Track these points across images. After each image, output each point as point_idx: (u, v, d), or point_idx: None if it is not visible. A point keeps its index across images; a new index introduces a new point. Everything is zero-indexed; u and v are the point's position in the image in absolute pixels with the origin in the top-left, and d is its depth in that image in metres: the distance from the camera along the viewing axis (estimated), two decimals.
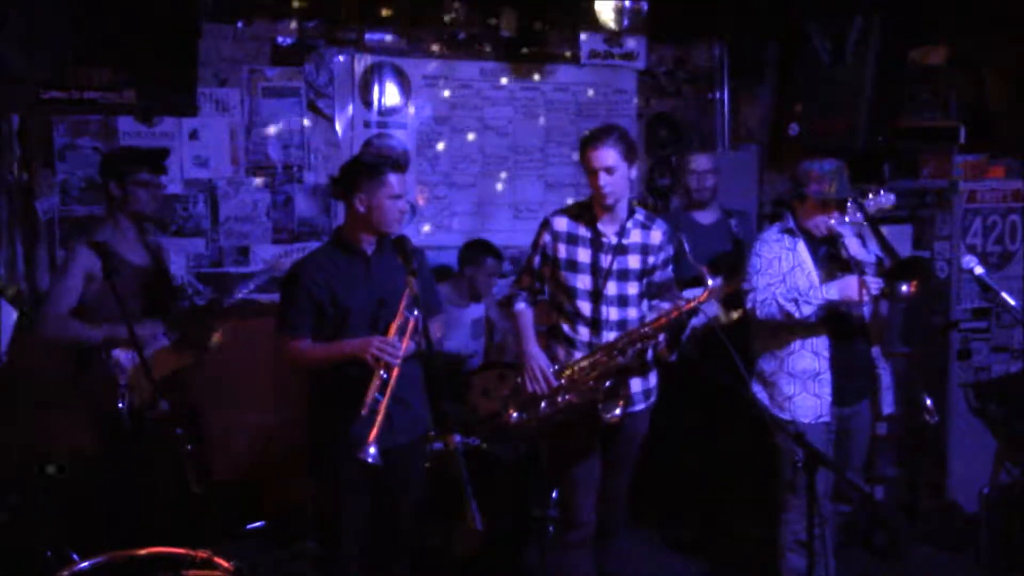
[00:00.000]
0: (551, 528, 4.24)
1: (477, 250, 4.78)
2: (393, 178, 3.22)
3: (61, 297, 3.63)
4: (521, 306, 3.64)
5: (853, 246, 3.64)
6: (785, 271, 3.66)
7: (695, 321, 4.47)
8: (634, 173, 3.49)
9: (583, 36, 5.51)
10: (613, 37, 5.53)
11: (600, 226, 3.51)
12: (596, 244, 3.50)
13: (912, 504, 4.73)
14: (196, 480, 3.35)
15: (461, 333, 4.77)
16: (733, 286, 4.57)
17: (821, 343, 3.65)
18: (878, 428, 4.19)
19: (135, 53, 4.15)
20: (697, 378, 4.48)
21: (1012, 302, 3.84)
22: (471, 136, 5.40)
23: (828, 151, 3.91)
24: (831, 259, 3.67)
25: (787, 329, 3.65)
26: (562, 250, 3.53)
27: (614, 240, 3.50)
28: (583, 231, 3.52)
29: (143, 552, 2.51)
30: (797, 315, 3.53)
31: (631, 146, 3.46)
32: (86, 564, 2.46)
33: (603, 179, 3.38)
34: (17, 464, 4.06)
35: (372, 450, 2.97)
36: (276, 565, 4.23)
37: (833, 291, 3.51)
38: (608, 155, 3.38)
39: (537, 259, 3.61)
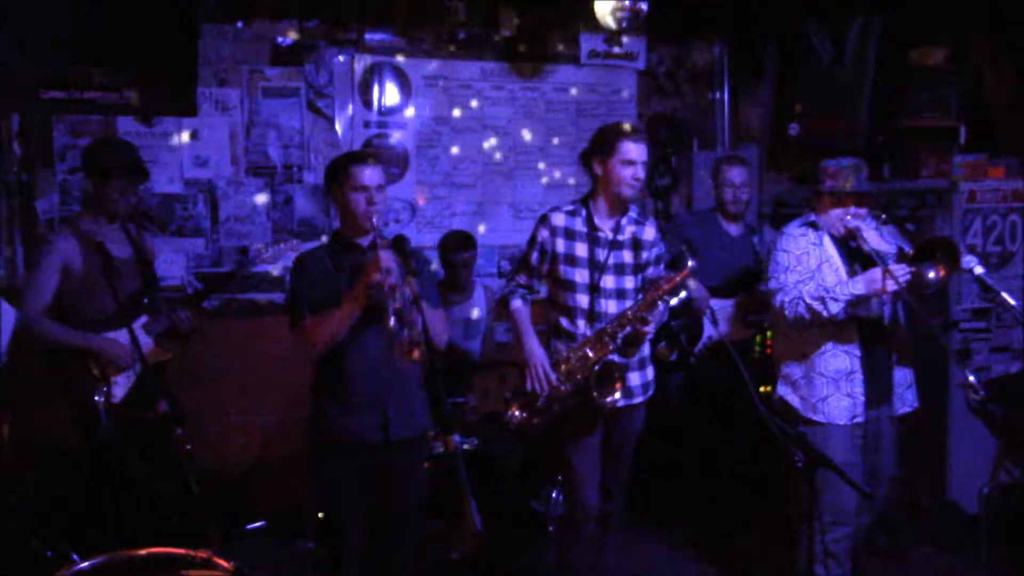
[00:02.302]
0: (551, 528, 4.24)
1: (451, 244, 4.73)
2: (356, 169, 3.18)
3: (36, 294, 3.58)
4: (517, 303, 3.66)
5: (872, 239, 3.61)
6: (813, 267, 3.63)
7: (709, 332, 4.48)
8: None
9: (583, 36, 5.51)
10: (613, 37, 5.52)
11: (596, 221, 3.58)
12: (593, 239, 3.57)
13: (912, 504, 4.73)
14: (196, 480, 3.35)
15: (454, 331, 4.75)
16: (754, 303, 4.55)
17: (852, 341, 3.62)
18: None
19: (135, 53, 4.15)
20: (701, 382, 4.50)
21: (1012, 302, 3.84)
22: (471, 136, 5.40)
23: (828, 151, 3.92)
24: (853, 255, 3.66)
25: (816, 329, 3.61)
26: (561, 245, 3.58)
27: (610, 235, 3.56)
28: (580, 226, 3.58)
29: (143, 552, 2.50)
30: (825, 314, 3.50)
31: None
32: (86, 564, 2.45)
33: (641, 172, 3.50)
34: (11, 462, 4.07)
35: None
36: (276, 565, 4.23)
37: (859, 285, 3.47)
38: (646, 150, 3.52)
39: (535, 255, 3.64)
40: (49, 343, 3.62)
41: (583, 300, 3.56)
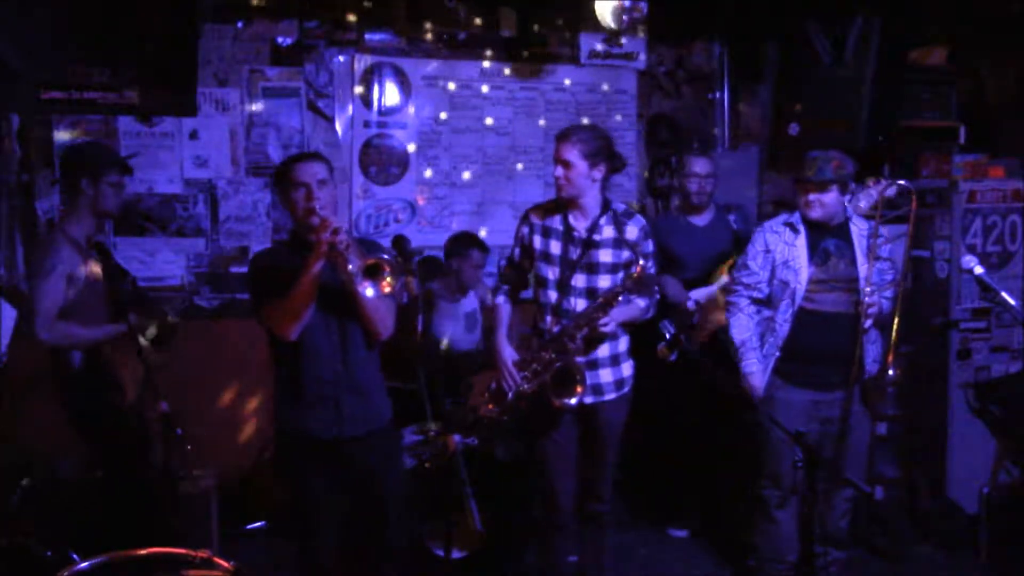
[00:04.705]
0: None
1: (463, 243, 4.76)
2: (292, 168, 3.14)
3: (51, 298, 3.51)
4: (500, 299, 3.78)
5: (856, 234, 3.85)
6: (778, 262, 3.87)
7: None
8: (597, 174, 3.54)
9: (583, 36, 5.51)
10: (613, 37, 5.52)
11: (571, 220, 3.60)
12: (567, 237, 3.60)
13: (912, 504, 4.73)
14: (194, 480, 3.36)
15: (455, 327, 4.77)
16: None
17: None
18: (878, 428, 4.22)
19: (135, 53, 4.16)
20: (697, 376, 4.50)
21: (1012, 302, 3.84)
22: (471, 136, 5.40)
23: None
24: (824, 252, 3.85)
25: None
26: (537, 241, 3.64)
27: (584, 234, 3.57)
28: (556, 224, 3.62)
29: (143, 552, 2.50)
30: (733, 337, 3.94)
31: (598, 149, 3.52)
32: (86, 564, 2.45)
33: (559, 172, 3.53)
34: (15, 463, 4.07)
35: None
36: (276, 565, 4.23)
37: (746, 367, 3.88)
38: (567, 150, 3.50)
39: (517, 251, 3.74)
40: (74, 345, 3.59)
41: (553, 297, 3.61)
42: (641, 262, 3.46)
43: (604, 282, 3.59)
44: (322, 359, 3.17)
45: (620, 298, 3.48)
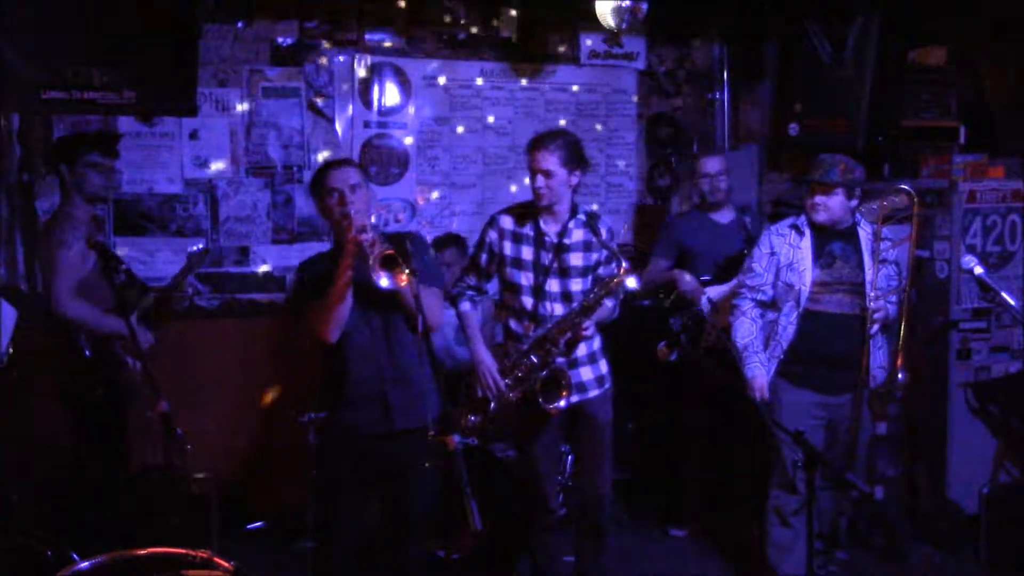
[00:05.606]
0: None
1: (450, 243, 4.78)
2: (324, 175, 3.19)
3: (69, 271, 3.53)
4: (466, 306, 3.73)
5: (864, 238, 3.85)
6: (782, 264, 3.89)
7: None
8: (574, 180, 3.56)
9: (583, 36, 5.51)
10: (613, 37, 5.52)
11: (542, 225, 3.60)
12: (539, 242, 3.59)
13: (912, 504, 4.73)
14: (194, 480, 3.37)
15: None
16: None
17: None
18: (878, 428, 4.22)
19: (135, 53, 4.15)
20: (699, 376, 4.51)
21: (1012, 302, 3.85)
22: (471, 136, 5.40)
23: (827, 151, 3.95)
24: (829, 254, 3.86)
25: None
26: (508, 247, 3.62)
27: (555, 239, 3.57)
28: (527, 230, 3.61)
29: (143, 552, 2.50)
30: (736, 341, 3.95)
31: (575, 155, 3.54)
32: (86, 564, 2.45)
33: (539, 181, 3.51)
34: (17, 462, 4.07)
35: None
36: (276, 565, 4.23)
37: (749, 371, 3.86)
38: (546, 159, 3.49)
39: (484, 256, 3.69)
40: (84, 326, 3.62)
41: (528, 302, 3.60)
42: (624, 264, 3.46)
43: (576, 285, 3.60)
44: (365, 357, 3.22)
45: (603, 301, 3.48)
